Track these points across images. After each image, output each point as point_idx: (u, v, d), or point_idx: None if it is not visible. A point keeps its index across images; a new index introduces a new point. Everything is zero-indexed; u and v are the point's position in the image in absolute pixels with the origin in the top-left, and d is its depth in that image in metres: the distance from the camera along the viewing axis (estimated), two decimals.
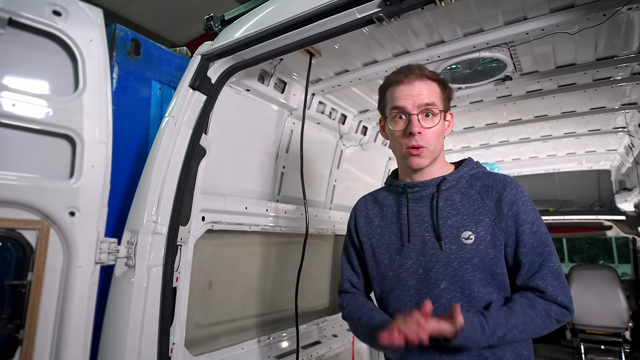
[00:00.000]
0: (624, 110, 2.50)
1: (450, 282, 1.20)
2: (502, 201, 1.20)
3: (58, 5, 1.30)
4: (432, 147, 1.24)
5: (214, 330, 1.95)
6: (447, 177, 1.28)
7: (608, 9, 1.45)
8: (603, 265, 5.05)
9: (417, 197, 1.30)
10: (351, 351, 2.63)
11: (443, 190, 1.27)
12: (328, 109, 2.47)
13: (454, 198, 1.26)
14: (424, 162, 1.25)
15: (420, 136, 1.22)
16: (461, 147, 3.50)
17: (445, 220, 1.23)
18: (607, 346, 4.06)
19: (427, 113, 1.23)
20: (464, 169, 1.30)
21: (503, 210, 1.19)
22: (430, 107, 1.23)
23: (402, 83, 1.25)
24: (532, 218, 1.20)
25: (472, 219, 1.21)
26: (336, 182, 2.74)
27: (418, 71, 1.25)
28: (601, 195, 4.13)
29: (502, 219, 1.19)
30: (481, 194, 1.24)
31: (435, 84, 1.27)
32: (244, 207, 1.97)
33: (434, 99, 1.24)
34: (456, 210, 1.24)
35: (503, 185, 1.22)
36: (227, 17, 1.74)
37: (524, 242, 1.18)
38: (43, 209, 1.23)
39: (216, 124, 1.80)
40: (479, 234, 1.19)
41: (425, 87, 1.24)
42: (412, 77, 1.24)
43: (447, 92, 1.31)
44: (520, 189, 1.23)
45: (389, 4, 1.31)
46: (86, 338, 1.29)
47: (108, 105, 1.39)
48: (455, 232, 1.21)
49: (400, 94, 1.24)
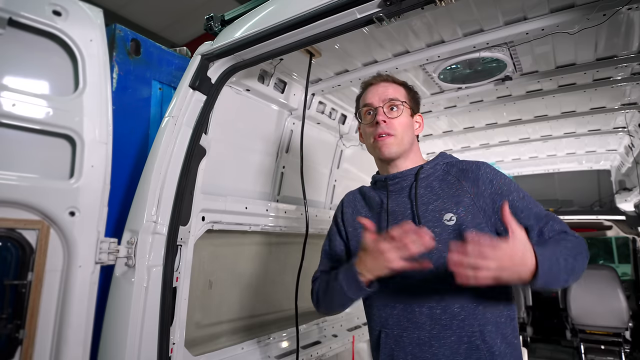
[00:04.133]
0: (624, 110, 2.50)
1: (436, 264, 1.21)
2: (479, 180, 1.26)
3: (58, 5, 1.30)
4: (399, 135, 1.33)
5: (214, 330, 1.95)
6: (424, 166, 1.35)
7: (608, 9, 1.45)
8: (603, 265, 5.04)
9: (397, 188, 1.37)
10: (351, 351, 2.63)
11: (422, 178, 1.33)
12: (328, 109, 2.47)
13: (433, 185, 1.32)
14: (392, 150, 1.33)
15: (386, 125, 1.32)
16: (461, 147, 3.50)
17: (427, 206, 1.29)
18: (607, 346, 4.07)
19: (391, 106, 1.35)
20: (438, 158, 1.39)
21: (481, 189, 1.25)
22: (394, 101, 1.35)
23: (371, 85, 1.42)
24: (515, 187, 1.26)
25: (452, 200, 1.27)
26: (336, 182, 2.74)
27: (385, 75, 1.43)
28: (601, 195, 4.13)
29: (479, 197, 1.24)
30: (458, 177, 1.31)
31: (401, 87, 1.41)
32: (244, 207, 1.97)
33: (398, 95, 1.37)
34: (436, 196, 1.30)
35: (477, 166, 1.30)
36: (227, 17, 1.74)
37: (520, 208, 1.22)
38: (43, 209, 1.23)
39: (216, 124, 1.80)
40: (460, 214, 1.24)
41: (390, 87, 1.39)
42: (379, 79, 1.41)
43: (413, 95, 1.43)
44: (493, 167, 1.30)
45: (389, 4, 1.31)
46: (86, 338, 1.29)
47: (108, 105, 1.39)
48: (437, 215, 1.26)
49: (369, 94, 1.40)
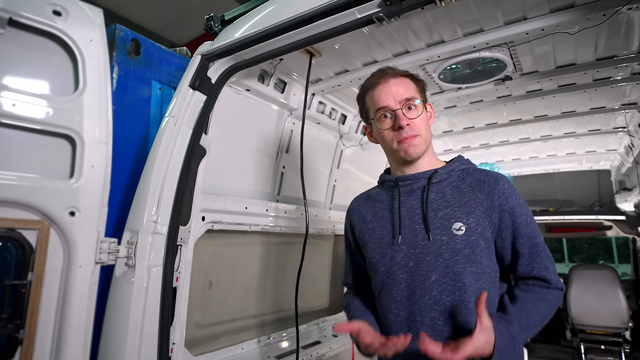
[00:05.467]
0: (624, 110, 2.50)
1: (442, 274, 1.20)
2: (494, 194, 1.23)
3: (58, 5, 1.30)
4: (424, 134, 1.29)
5: (214, 330, 1.95)
6: (438, 170, 1.31)
7: (608, 9, 1.45)
8: (603, 265, 5.05)
9: (408, 190, 1.33)
10: (351, 351, 2.63)
11: (434, 183, 1.30)
12: (328, 109, 2.47)
13: (445, 191, 1.28)
14: (420, 150, 1.29)
15: (410, 127, 1.27)
16: (461, 147, 3.49)
17: (436, 212, 1.26)
18: (607, 346, 4.06)
19: (409, 106, 1.29)
20: (455, 163, 1.34)
21: (495, 204, 1.22)
22: (411, 100, 1.29)
23: (378, 84, 1.31)
24: (526, 211, 1.25)
25: (463, 210, 1.23)
26: (336, 182, 2.74)
27: (390, 71, 1.33)
28: (601, 195, 4.13)
29: (492, 211, 1.22)
30: (472, 187, 1.27)
31: (408, 79, 1.34)
32: (244, 207, 1.97)
33: (412, 92, 1.30)
34: (447, 203, 1.26)
35: (495, 179, 1.26)
36: (227, 17, 1.74)
37: (522, 234, 1.22)
38: (43, 209, 1.23)
39: (216, 124, 1.80)
40: (470, 225, 1.21)
41: (401, 83, 1.31)
42: (387, 77, 1.31)
43: (421, 85, 1.37)
44: (511, 184, 1.28)
45: (389, 4, 1.31)
46: (86, 338, 1.29)
47: (108, 105, 1.39)
48: (446, 223, 1.23)
49: (381, 94, 1.30)
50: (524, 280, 1.25)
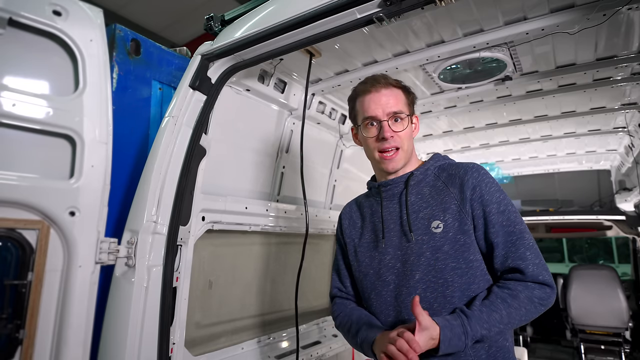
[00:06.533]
0: (624, 110, 2.50)
1: (424, 272, 1.23)
2: (464, 185, 1.25)
3: (58, 5, 1.30)
4: (405, 147, 1.33)
5: (214, 330, 1.95)
6: (414, 172, 1.34)
7: (608, 9, 1.45)
8: (603, 265, 5.05)
9: (389, 194, 1.38)
10: (351, 351, 2.63)
11: (412, 184, 1.34)
12: (328, 109, 2.47)
13: (424, 192, 1.32)
14: (399, 165, 1.34)
15: (393, 139, 1.31)
16: (461, 147, 3.50)
17: (417, 214, 1.29)
18: (607, 346, 4.07)
19: (396, 119, 1.33)
20: (430, 162, 1.38)
21: (466, 194, 1.24)
22: (398, 114, 1.32)
23: (370, 92, 1.34)
24: (498, 198, 1.24)
25: (440, 208, 1.27)
26: (336, 182, 2.74)
27: (383, 80, 1.35)
28: (601, 195, 4.13)
29: (465, 203, 1.24)
30: (446, 183, 1.30)
31: (400, 90, 1.37)
32: (244, 207, 1.97)
33: (400, 106, 1.34)
34: (427, 203, 1.30)
35: (464, 170, 1.28)
36: (227, 17, 1.74)
37: (493, 222, 1.21)
38: (43, 209, 1.23)
39: (216, 124, 1.80)
40: (447, 221, 1.24)
41: (391, 95, 1.33)
42: (379, 86, 1.34)
43: (411, 98, 1.40)
44: (483, 172, 1.27)
45: (389, 4, 1.31)
46: (86, 338, 1.29)
47: (108, 105, 1.39)
48: (426, 223, 1.27)
49: (370, 103, 1.33)
50: (504, 275, 1.23)
